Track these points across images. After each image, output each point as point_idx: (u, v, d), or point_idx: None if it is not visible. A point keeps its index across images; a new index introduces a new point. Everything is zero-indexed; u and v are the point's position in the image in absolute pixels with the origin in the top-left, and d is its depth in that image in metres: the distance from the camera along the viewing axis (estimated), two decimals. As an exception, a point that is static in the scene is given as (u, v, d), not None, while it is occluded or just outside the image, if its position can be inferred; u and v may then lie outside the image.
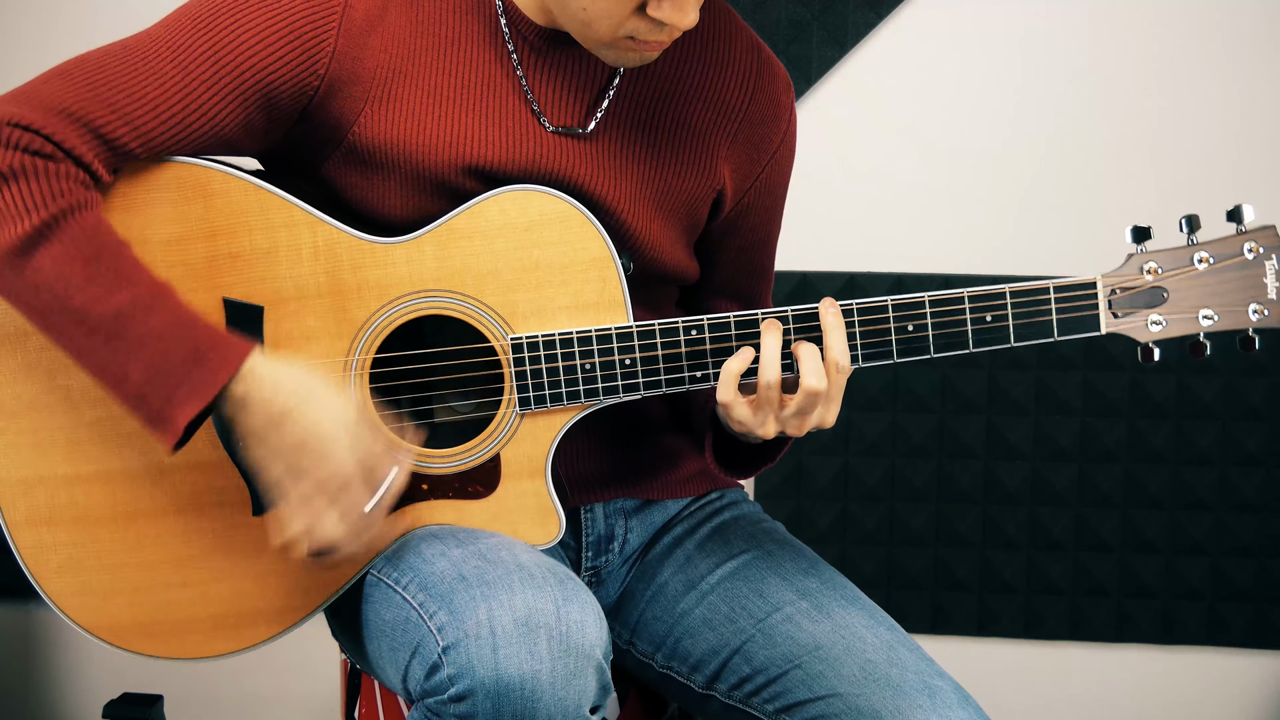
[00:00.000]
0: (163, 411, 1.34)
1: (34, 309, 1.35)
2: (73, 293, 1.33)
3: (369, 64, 1.44)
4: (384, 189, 1.47)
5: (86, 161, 1.36)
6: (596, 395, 1.47)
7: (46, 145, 1.35)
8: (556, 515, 1.49)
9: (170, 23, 1.42)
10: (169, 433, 1.35)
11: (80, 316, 1.33)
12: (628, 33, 1.40)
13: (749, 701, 1.52)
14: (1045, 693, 2.63)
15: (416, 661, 1.35)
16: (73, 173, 1.36)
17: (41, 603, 1.49)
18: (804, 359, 1.42)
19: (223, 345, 1.35)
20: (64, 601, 1.47)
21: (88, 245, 1.34)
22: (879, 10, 2.48)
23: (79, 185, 1.36)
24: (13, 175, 1.33)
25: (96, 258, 1.34)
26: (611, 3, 1.37)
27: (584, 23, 1.40)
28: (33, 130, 1.34)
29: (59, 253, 1.33)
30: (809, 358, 1.42)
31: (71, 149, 1.35)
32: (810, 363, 1.42)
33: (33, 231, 1.33)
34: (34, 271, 1.33)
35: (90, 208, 1.36)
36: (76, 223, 1.34)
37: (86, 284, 1.33)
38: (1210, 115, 2.47)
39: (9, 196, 1.33)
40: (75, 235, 1.34)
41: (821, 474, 2.57)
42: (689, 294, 1.67)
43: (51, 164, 1.35)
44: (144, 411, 1.35)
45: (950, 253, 2.51)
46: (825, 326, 1.43)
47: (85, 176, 1.37)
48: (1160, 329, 1.48)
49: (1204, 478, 2.53)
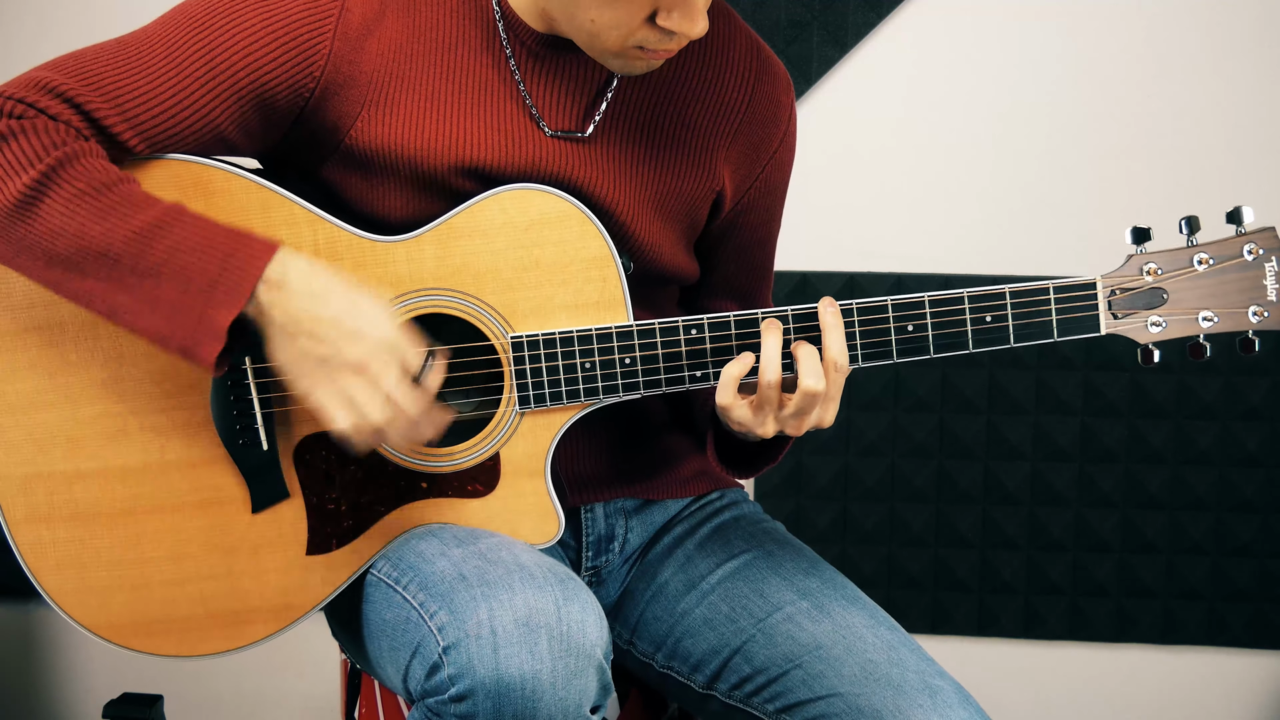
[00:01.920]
0: (201, 320, 1.32)
1: (53, 257, 1.34)
2: (88, 229, 1.32)
3: (366, 67, 1.44)
4: (384, 191, 1.47)
5: (75, 125, 1.36)
6: (596, 394, 1.47)
7: (34, 112, 1.36)
8: (556, 515, 1.49)
9: (166, 20, 1.42)
10: (212, 342, 1.32)
11: (101, 250, 1.33)
12: (637, 42, 1.40)
13: (749, 701, 1.52)
14: (1045, 693, 2.63)
15: (417, 661, 1.35)
16: (63, 128, 1.36)
17: (42, 602, 1.49)
18: (802, 360, 1.42)
19: (250, 242, 1.34)
20: (63, 599, 1.47)
21: (93, 183, 1.34)
22: (879, 10, 2.48)
23: (71, 134, 1.36)
24: (8, 136, 1.34)
25: (106, 190, 1.34)
26: (621, 14, 1.37)
27: (592, 34, 1.40)
28: (25, 103, 1.35)
29: (67, 195, 1.33)
30: (807, 358, 1.42)
31: (58, 115, 1.36)
32: (809, 363, 1.41)
33: (36, 180, 1.33)
34: (45, 219, 1.33)
35: (88, 153, 1.35)
36: (78, 166, 1.34)
37: (101, 218, 1.33)
38: (1210, 116, 2.48)
39: (7, 155, 1.33)
40: (79, 176, 1.34)
41: (821, 474, 2.57)
42: (689, 293, 1.67)
43: (42, 119, 1.35)
44: (183, 330, 1.33)
45: (950, 253, 2.51)
46: (824, 326, 1.43)
47: (76, 133, 1.37)
48: (1160, 330, 1.48)
49: (1204, 478, 2.53)
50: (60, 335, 1.44)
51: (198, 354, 1.33)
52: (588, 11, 1.38)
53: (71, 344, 1.44)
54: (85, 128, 1.37)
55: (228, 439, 1.46)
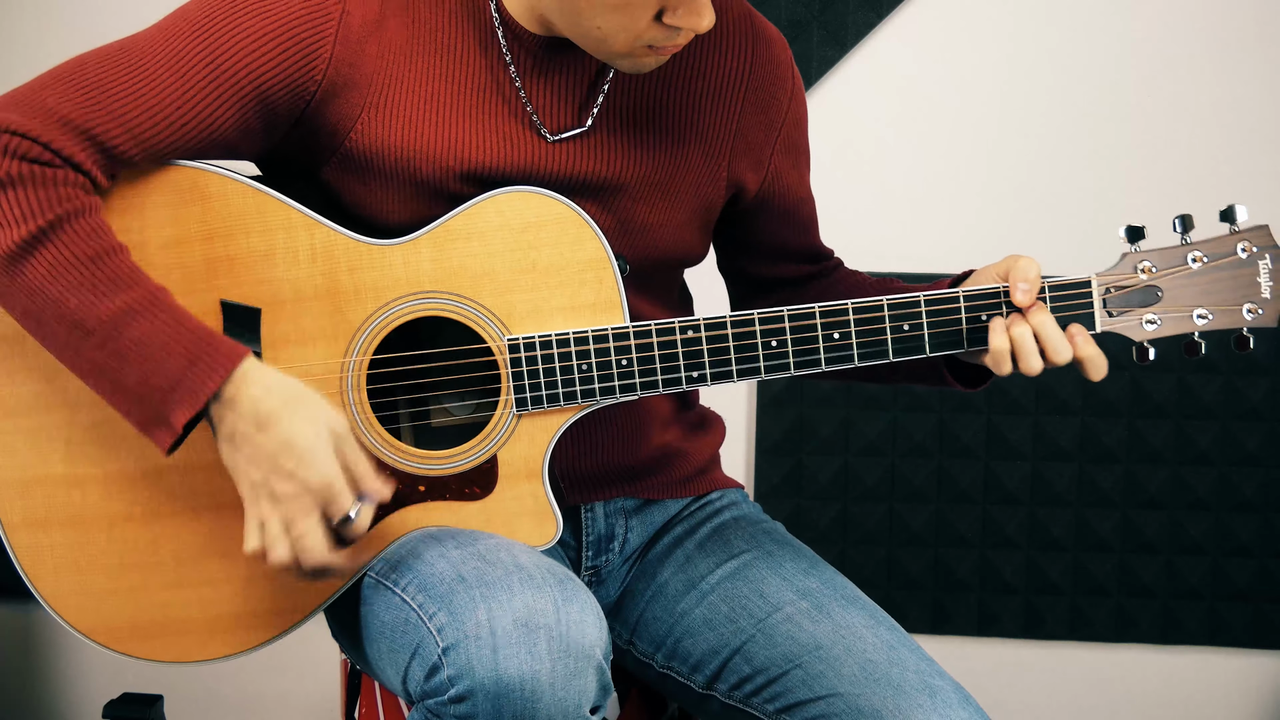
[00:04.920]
0: (159, 413, 1.34)
1: (29, 314, 1.35)
2: (68, 297, 1.33)
3: (366, 70, 1.44)
4: (383, 195, 1.47)
5: (86, 168, 1.36)
6: (593, 396, 1.47)
7: (45, 153, 1.35)
8: (554, 516, 1.49)
9: (167, 26, 1.42)
10: (166, 434, 1.35)
11: (76, 321, 1.34)
12: (645, 42, 1.40)
13: (749, 701, 1.52)
14: (1045, 693, 2.63)
15: (416, 663, 1.35)
16: (71, 178, 1.36)
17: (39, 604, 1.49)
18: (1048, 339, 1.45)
19: (217, 348, 1.35)
20: (59, 603, 1.47)
21: (84, 250, 1.34)
22: (879, 10, 2.48)
23: (77, 190, 1.36)
24: (11, 183, 1.34)
25: (92, 262, 1.34)
26: (627, 18, 1.37)
27: (599, 39, 1.40)
28: (30, 138, 1.34)
29: (55, 258, 1.33)
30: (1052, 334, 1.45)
31: (70, 156, 1.35)
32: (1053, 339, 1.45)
33: (29, 237, 1.33)
34: (30, 276, 1.33)
35: (88, 213, 1.36)
36: (73, 228, 1.34)
37: (82, 289, 1.33)
38: (1205, 115, 2.48)
39: (8, 203, 1.33)
40: (72, 240, 1.34)
41: (821, 474, 2.57)
42: (744, 270, 1.70)
43: (49, 170, 1.35)
44: (140, 414, 1.36)
45: (949, 252, 2.51)
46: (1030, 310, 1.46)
47: (84, 181, 1.37)
48: (1155, 328, 1.48)
49: (1204, 478, 2.53)
50: (59, 338, 1.44)
51: (153, 439, 1.37)
52: (594, 19, 1.38)
53: (70, 347, 1.44)
54: (89, 158, 1.36)
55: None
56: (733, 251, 1.69)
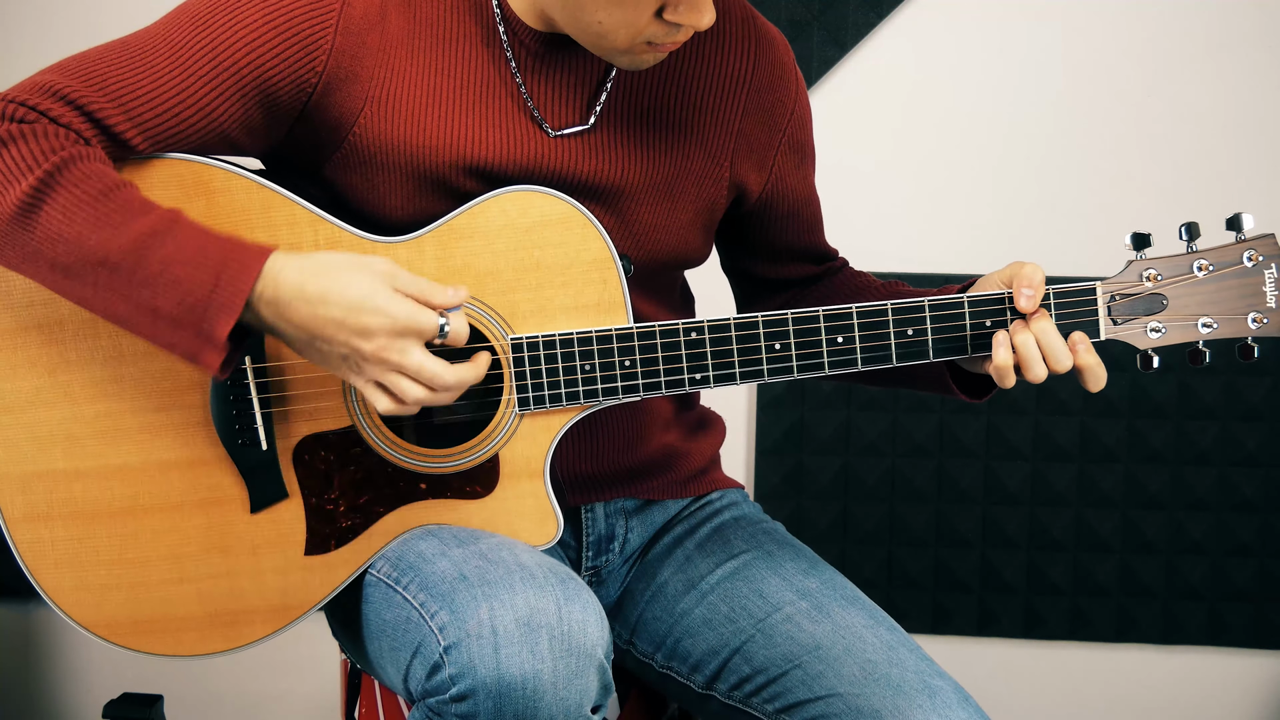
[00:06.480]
0: (201, 330, 1.33)
1: (53, 264, 1.34)
2: (87, 236, 1.33)
3: (368, 63, 1.44)
4: (386, 190, 1.47)
5: (76, 128, 1.37)
6: (596, 396, 1.47)
7: (32, 113, 1.36)
8: (555, 516, 1.49)
9: (169, 21, 1.42)
10: (214, 353, 1.33)
11: (100, 259, 1.33)
12: (646, 39, 1.40)
13: (749, 701, 1.52)
14: (1045, 693, 2.63)
15: (418, 661, 1.35)
16: (63, 132, 1.36)
17: (42, 602, 1.49)
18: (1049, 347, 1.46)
19: (244, 251, 1.34)
20: (60, 597, 1.47)
21: (92, 188, 1.34)
22: (879, 10, 2.48)
23: (71, 139, 1.36)
24: (8, 140, 1.34)
25: (104, 197, 1.34)
26: (628, 13, 1.37)
27: (599, 34, 1.40)
28: (21, 103, 1.36)
29: (66, 200, 1.33)
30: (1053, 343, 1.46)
31: (58, 117, 1.36)
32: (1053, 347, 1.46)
33: (35, 186, 1.33)
34: (46, 224, 1.33)
35: (88, 157, 1.35)
36: (77, 170, 1.34)
37: (99, 224, 1.33)
38: (1211, 121, 2.48)
39: (6, 160, 1.34)
40: (79, 181, 1.34)
41: (821, 474, 2.57)
42: (750, 271, 1.70)
43: (39, 124, 1.35)
44: (185, 341, 1.34)
45: (951, 255, 2.51)
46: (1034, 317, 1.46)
47: (76, 137, 1.37)
48: (1159, 336, 1.48)
49: (1204, 478, 2.53)
50: (60, 333, 1.44)
51: (201, 362, 1.34)
52: (594, 14, 1.38)
53: (71, 342, 1.44)
54: (88, 129, 1.37)
55: (227, 439, 1.46)
56: (738, 252, 1.69)
